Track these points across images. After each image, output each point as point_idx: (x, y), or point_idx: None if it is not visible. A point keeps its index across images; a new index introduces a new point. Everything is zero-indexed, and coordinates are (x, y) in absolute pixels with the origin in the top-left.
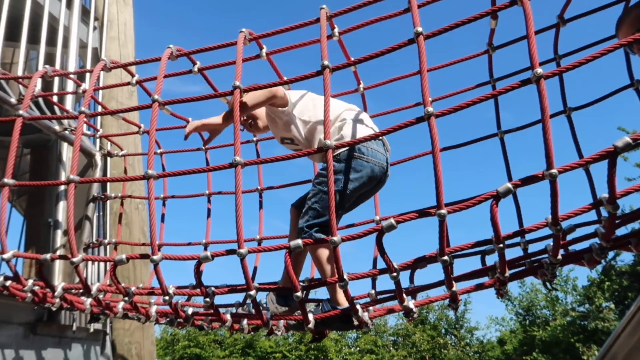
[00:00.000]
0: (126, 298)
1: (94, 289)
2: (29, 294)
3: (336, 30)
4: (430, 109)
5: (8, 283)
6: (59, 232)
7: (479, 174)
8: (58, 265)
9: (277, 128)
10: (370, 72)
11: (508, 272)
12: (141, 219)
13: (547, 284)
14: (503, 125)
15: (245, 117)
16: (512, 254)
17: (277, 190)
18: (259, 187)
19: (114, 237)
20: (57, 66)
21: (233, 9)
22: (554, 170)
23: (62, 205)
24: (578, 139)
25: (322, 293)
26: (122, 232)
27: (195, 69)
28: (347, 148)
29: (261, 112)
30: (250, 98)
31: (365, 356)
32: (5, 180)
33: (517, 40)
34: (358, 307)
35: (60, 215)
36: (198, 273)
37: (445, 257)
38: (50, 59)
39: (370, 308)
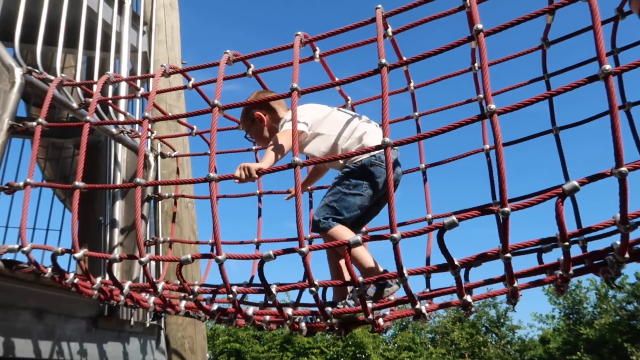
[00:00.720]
0: (191, 296)
1: (159, 287)
2: (96, 292)
3: (389, 30)
4: (493, 106)
5: (76, 280)
6: (116, 231)
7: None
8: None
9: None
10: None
11: (572, 270)
12: (191, 218)
13: (610, 282)
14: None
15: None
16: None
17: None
18: (308, 188)
19: (165, 235)
20: (111, 71)
21: (274, 9)
22: (623, 169)
23: (118, 205)
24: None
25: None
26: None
27: (250, 72)
28: (368, 156)
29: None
30: (282, 148)
31: (403, 353)
32: (77, 183)
33: (574, 34)
34: (416, 299)
35: (117, 215)
36: (261, 271)
37: (508, 255)
38: (101, 64)
39: (427, 304)
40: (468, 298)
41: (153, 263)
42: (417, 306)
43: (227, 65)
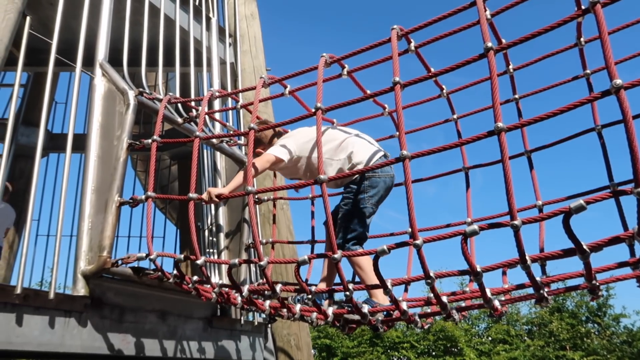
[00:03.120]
0: (309, 296)
1: (277, 288)
2: (214, 295)
3: (487, 12)
4: (619, 81)
5: (197, 285)
6: (221, 236)
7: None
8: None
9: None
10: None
11: None
12: (287, 219)
13: None
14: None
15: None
16: None
17: None
18: None
19: (264, 237)
20: (205, 84)
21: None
22: None
23: (221, 211)
24: None
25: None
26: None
27: (345, 72)
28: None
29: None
30: (256, 170)
31: (497, 346)
32: (191, 195)
33: None
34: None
35: (221, 220)
36: (376, 266)
37: None
38: (186, 78)
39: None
40: (596, 282)
41: (248, 266)
42: (540, 291)
43: (325, 68)
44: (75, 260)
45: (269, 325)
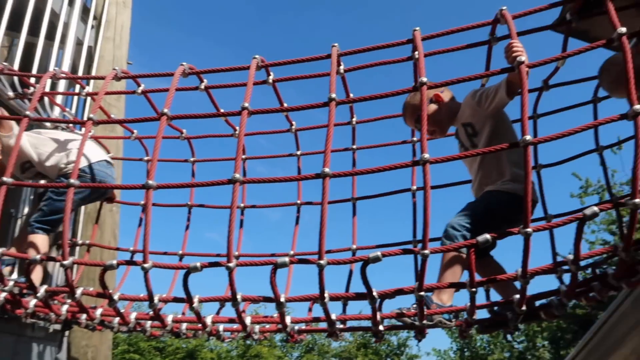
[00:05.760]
0: (110, 302)
1: (78, 292)
2: (2, 297)
3: (342, 67)
4: (426, 155)
5: None
6: None
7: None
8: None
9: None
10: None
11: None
12: (114, 222)
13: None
14: None
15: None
16: None
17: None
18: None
19: (84, 237)
20: (52, 61)
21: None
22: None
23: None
24: None
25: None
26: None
27: (202, 86)
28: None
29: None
30: None
31: None
32: (4, 179)
33: None
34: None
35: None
36: (186, 282)
37: (422, 292)
38: (33, 49)
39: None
40: (380, 327)
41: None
42: (332, 326)
43: (181, 76)
44: None
45: (66, 334)
